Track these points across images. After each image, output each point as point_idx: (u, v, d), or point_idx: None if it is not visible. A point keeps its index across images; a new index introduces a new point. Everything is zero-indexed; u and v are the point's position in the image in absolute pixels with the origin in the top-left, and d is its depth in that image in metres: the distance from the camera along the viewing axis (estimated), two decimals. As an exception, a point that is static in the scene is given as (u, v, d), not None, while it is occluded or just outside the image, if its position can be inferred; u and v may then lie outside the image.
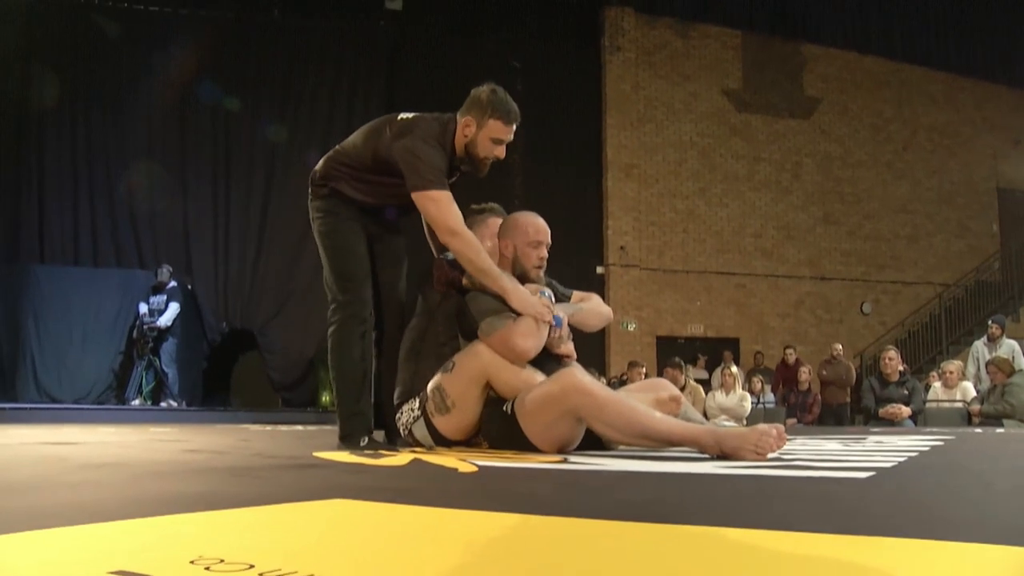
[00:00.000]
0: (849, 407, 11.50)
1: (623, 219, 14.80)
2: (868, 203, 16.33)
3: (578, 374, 2.95)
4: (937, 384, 9.74)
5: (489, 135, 3.50)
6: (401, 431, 3.37)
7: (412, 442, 3.33)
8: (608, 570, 0.89)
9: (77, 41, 12.65)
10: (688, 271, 15.03)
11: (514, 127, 3.58)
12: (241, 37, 13.36)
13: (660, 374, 12.56)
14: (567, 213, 14.45)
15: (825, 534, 1.14)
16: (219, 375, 13.10)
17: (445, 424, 3.24)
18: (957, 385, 9.32)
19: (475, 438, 3.30)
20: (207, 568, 0.86)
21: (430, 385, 3.28)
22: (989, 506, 1.56)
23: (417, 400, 3.32)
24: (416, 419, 3.30)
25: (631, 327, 14.39)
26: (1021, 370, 8.81)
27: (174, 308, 11.17)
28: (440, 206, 3.34)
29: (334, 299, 3.55)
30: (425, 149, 3.39)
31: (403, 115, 3.61)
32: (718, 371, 12.00)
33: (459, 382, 3.21)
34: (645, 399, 3.25)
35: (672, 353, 12.34)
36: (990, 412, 8.47)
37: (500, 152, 3.59)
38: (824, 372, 11.35)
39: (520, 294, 3.30)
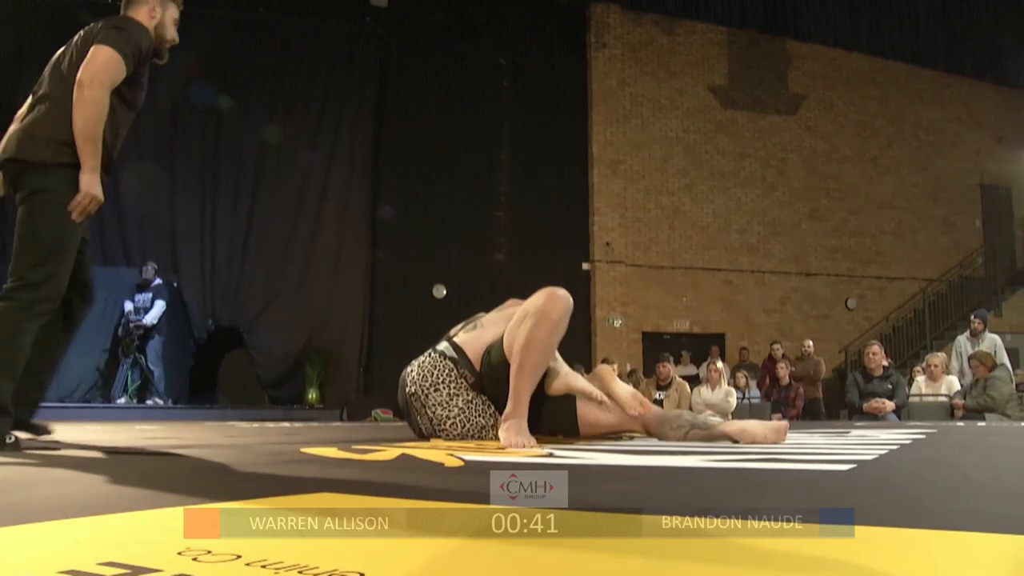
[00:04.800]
0: (822, 402, 11.60)
1: (609, 215, 14.83)
2: (853, 199, 16.40)
3: (559, 294, 3.39)
4: (921, 378, 9.80)
5: (172, 16, 3.52)
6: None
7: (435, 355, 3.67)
8: (591, 560, 0.90)
9: (64, 40, 12.54)
10: (674, 267, 15.07)
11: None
12: (230, 36, 13.31)
13: (647, 370, 12.62)
14: (553, 209, 14.52)
15: (808, 524, 1.16)
16: (206, 373, 13.06)
17: (466, 338, 3.66)
18: (942, 378, 9.38)
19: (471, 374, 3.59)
20: (195, 559, 0.87)
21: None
22: (967, 496, 1.58)
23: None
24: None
25: (617, 323, 14.42)
26: (1003, 364, 8.88)
27: (160, 306, 11.13)
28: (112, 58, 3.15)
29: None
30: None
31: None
32: (703, 366, 12.03)
33: (496, 317, 3.73)
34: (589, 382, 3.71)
35: (658, 349, 12.38)
36: (972, 406, 8.54)
37: (177, 36, 3.57)
38: (793, 368, 11.41)
39: None
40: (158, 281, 11.33)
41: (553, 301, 3.33)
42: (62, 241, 3.10)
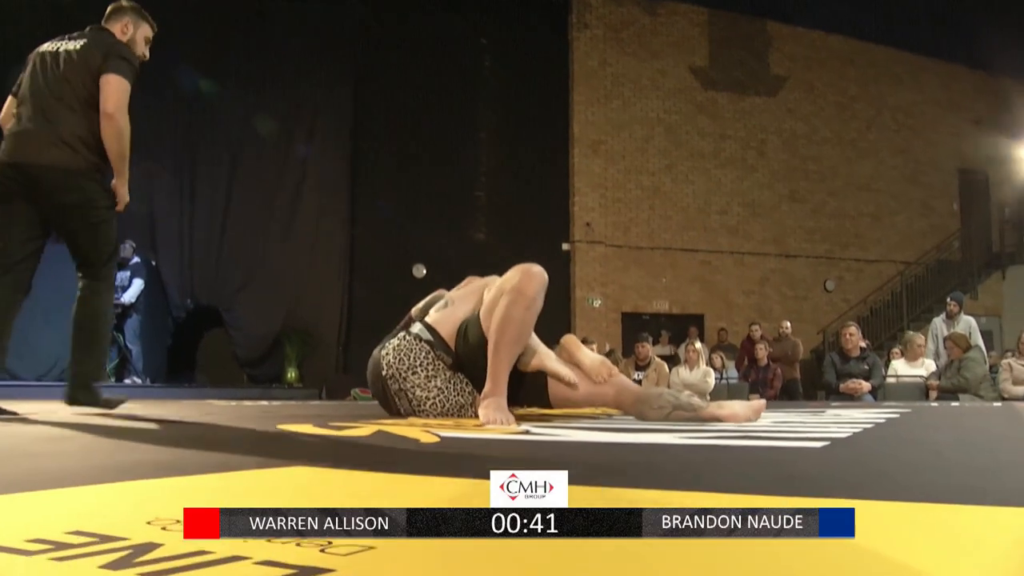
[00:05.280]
0: (800, 382, 11.69)
1: (589, 195, 14.83)
2: (833, 181, 16.47)
3: (534, 269, 3.35)
4: (898, 361, 9.88)
5: (144, 35, 4.06)
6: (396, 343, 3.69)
7: (409, 338, 3.63)
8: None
9: (38, 15, 12.37)
10: (653, 248, 15.11)
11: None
12: (204, 13, 13.15)
13: (626, 350, 12.67)
14: (533, 189, 14.51)
15: (776, 496, 1.17)
16: (184, 352, 13.02)
17: (438, 318, 3.63)
18: (922, 358, 9.48)
19: (447, 355, 3.56)
20: (164, 528, 0.87)
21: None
22: (937, 472, 1.60)
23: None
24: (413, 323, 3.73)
25: (596, 303, 14.46)
26: (977, 346, 8.98)
27: (138, 284, 11.04)
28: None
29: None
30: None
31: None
32: (682, 347, 12.09)
33: (466, 293, 3.74)
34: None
35: (637, 329, 12.42)
36: (947, 386, 8.62)
37: (148, 53, 4.11)
38: (771, 349, 11.49)
39: None
40: (136, 259, 11.23)
41: (528, 278, 3.32)
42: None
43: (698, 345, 10.81)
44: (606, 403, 3.61)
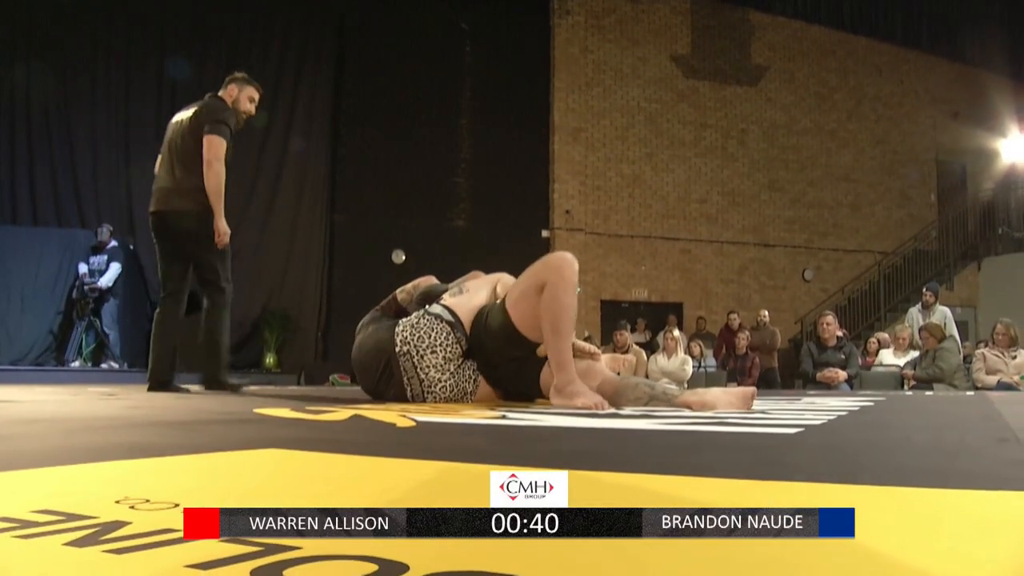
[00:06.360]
0: (777, 371, 11.76)
1: (569, 183, 14.84)
2: (812, 171, 16.54)
3: (569, 256, 3.49)
4: (887, 350, 9.98)
5: (247, 95, 5.25)
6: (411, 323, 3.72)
7: (429, 318, 3.65)
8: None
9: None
10: (633, 236, 15.13)
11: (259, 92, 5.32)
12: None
13: (605, 338, 12.69)
14: (513, 176, 14.49)
15: (749, 480, 1.18)
16: (162, 336, 12.92)
17: (455, 302, 3.69)
18: (908, 350, 9.59)
19: (464, 340, 3.61)
20: (132, 507, 0.87)
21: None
22: (905, 456, 1.62)
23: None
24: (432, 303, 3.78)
25: (575, 291, 14.45)
26: (952, 336, 9.06)
27: (115, 268, 10.98)
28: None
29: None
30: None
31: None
32: (662, 335, 12.14)
33: (480, 283, 3.81)
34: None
35: (616, 317, 12.45)
36: (922, 376, 8.70)
37: (253, 109, 5.31)
38: (750, 338, 11.55)
39: None
40: (114, 243, 11.16)
41: (568, 266, 3.43)
42: None
43: (676, 333, 10.85)
44: None
